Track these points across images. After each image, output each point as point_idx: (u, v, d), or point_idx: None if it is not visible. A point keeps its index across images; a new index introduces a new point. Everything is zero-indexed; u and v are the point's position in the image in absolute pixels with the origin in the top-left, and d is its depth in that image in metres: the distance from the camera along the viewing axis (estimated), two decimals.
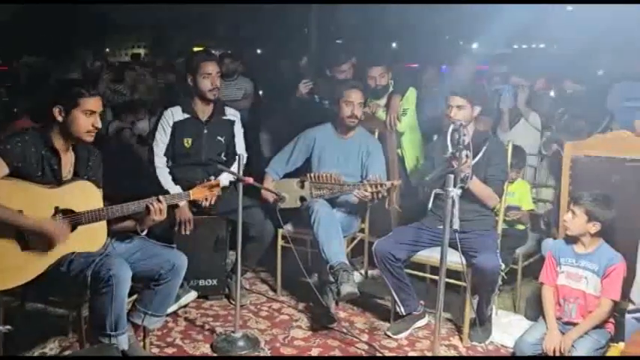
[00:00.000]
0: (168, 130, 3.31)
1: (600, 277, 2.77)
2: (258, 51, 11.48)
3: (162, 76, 6.87)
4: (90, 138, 2.45)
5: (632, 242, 2.77)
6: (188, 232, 3.19)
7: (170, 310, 3.04)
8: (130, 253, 2.58)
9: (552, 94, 4.60)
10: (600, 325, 2.75)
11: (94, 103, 2.42)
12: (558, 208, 3.19)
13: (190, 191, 2.66)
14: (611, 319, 2.80)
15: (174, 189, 3.19)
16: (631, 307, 2.54)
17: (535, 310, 3.09)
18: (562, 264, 2.89)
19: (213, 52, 3.90)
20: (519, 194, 3.52)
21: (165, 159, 3.33)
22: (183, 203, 3.14)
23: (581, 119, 3.75)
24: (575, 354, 2.67)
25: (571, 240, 2.88)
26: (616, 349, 2.65)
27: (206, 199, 2.84)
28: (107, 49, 14.85)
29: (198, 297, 3.38)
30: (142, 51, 15.13)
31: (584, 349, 2.68)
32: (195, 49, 13.02)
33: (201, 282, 3.40)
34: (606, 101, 3.77)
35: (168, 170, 3.30)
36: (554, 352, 2.71)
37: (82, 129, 2.40)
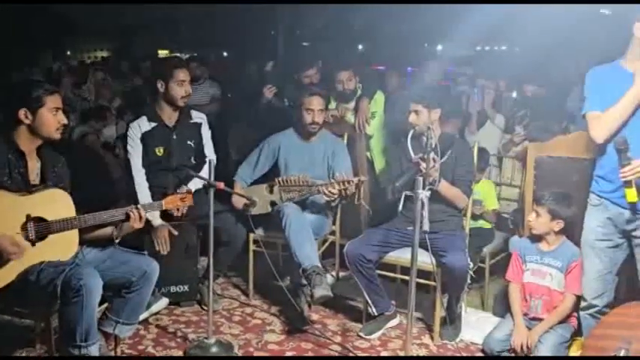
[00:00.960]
0: (138, 142, 3.27)
1: (564, 273, 2.87)
2: (225, 54, 11.41)
3: (127, 79, 6.77)
4: (59, 135, 2.44)
5: None
6: (165, 252, 3.17)
7: (141, 317, 2.99)
8: (101, 261, 2.54)
9: (515, 95, 4.72)
10: (564, 320, 2.86)
11: (57, 99, 2.43)
12: (523, 207, 3.28)
13: (163, 201, 2.64)
14: (575, 314, 2.90)
15: (147, 199, 3.16)
16: (583, 303, 2.64)
17: (503, 307, 3.17)
18: (527, 262, 2.98)
19: (179, 55, 3.87)
20: (484, 194, 3.61)
21: (144, 171, 3.28)
22: (159, 223, 3.13)
23: (541, 121, 3.87)
24: (541, 348, 2.76)
25: (536, 238, 2.97)
26: (579, 343, 2.76)
27: (177, 210, 2.81)
28: (68, 52, 14.50)
29: (170, 304, 3.35)
30: (104, 54, 14.81)
31: (549, 343, 2.77)
32: (160, 52, 12.85)
33: (173, 288, 3.37)
34: (566, 103, 3.89)
35: (147, 185, 3.25)
36: (521, 347, 2.80)
37: (51, 128, 2.40)
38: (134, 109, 4.44)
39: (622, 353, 1.86)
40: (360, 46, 11.74)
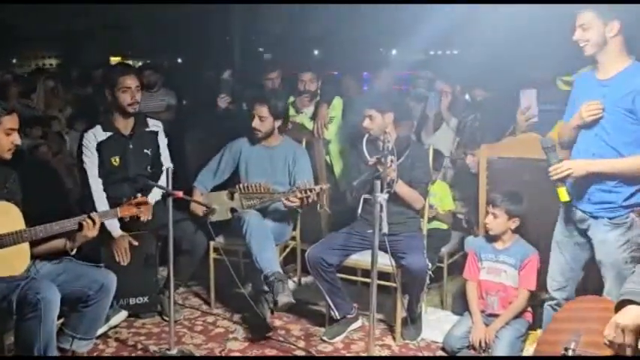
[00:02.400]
0: (94, 151, 3.21)
1: (517, 270, 2.98)
2: (179, 60, 11.25)
3: (78, 88, 6.58)
4: (10, 156, 2.40)
5: (542, 236, 3.00)
6: (125, 263, 3.11)
7: (100, 331, 2.93)
8: (56, 275, 2.48)
9: (467, 98, 4.85)
10: (520, 315, 2.96)
11: (14, 120, 2.37)
12: (477, 207, 3.38)
13: (118, 209, 2.59)
14: (529, 309, 3.01)
15: (103, 205, 3.09)
16: (546, 296, 2.75)
17: (461, 305, 3.26)
18: (483, 260, 3.08)
19: (131, 63, 3.82)
20: (440, 195, 3.69)
21: (100, 181, 3.22)
22: (119, 234, 3.08)
23: (490, 124, 3.99)
24: (498, 343, 2.85)
25: (491, 237, 3.07)
26: (534, 336, 2.86)
27: (138, 217, 2.77)
28: (14, 60, 13.97)
29: (129, 316, 3.29)
30: (53, 61, 14.33)
31: (506, 338, 2.86)
32: (113, 59, 12.55)
33: (132, 300, 3.31)
34: (516, 106, 4.00)
35: (105, 195, 3.19)
36: (479, 343, 2.89)
37: (3, 148, 2.36)
38: (86, 119, 4.34)
39: (572, 345, 1.94)
40: (316, 52, 11.81)
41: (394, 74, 4.98)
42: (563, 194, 2.46)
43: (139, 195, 2.68)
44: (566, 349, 1.95)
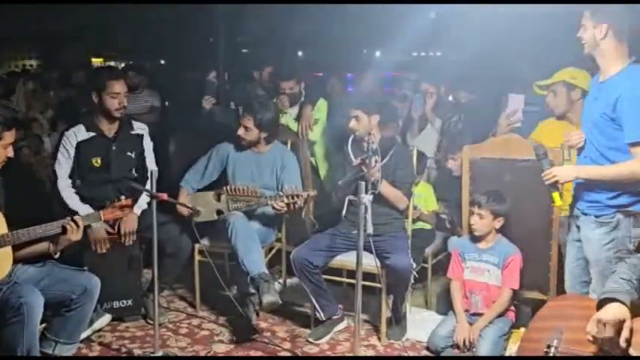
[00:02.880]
0: (72, 151, 3.18)
1: (500, 269, 3.01)
2: (162, 62, 11.17)
3: (59, 90, 6.51)
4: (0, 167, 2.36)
5: (524, 234, 3.05)
6: (104, 250, 3.08)
7: (83, 335, 2.90)
8: (38, 279, 2.45)
9: (451, 99, 4.89)
10: (503, 314, 3.00)
11: (12, 135, 2.40)
12: (460, 208, 3.41)
13: (101, 212, 2.57)
14: (512, 308, 3.05)
15: (83, 208, 3.06)
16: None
17: (445, 305, 3.29)
18: (467, 260, 3.11)
19: (113, 64, 3.80)
20: (424, 196, 3.72)
21: (69, 181, 3.19)
22: (96, 224, 3.02)
23: (473, 125, 4.03)
24: (482, 342, 2.88)
25: (474, 237, 3.11)
26: (517, 335, 2.90)
27: (121, 221, 2.74)
28: None
29: (113, 319, 3.26)
30: (33, 62, 14.14)
31: (489, 337, 2.90)
32: (94, 60, 12.41)
33: (116, 304, 3.28)
34: (498, 109, 4.04)
35: (74, 191, 3.17)
36: (464, 342, 2.91)
37: None
38: (68, 121, 4.30)
39: (554, 343, 1.97)
40: (300, 53, 11.81)
41: (379, 75, 5.00)
42: (557, 198, 2.49)
43: (123, 197, 2.65)
44: (548, 347, 1.99)
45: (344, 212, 3.08)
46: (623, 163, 2.33)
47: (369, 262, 2.82)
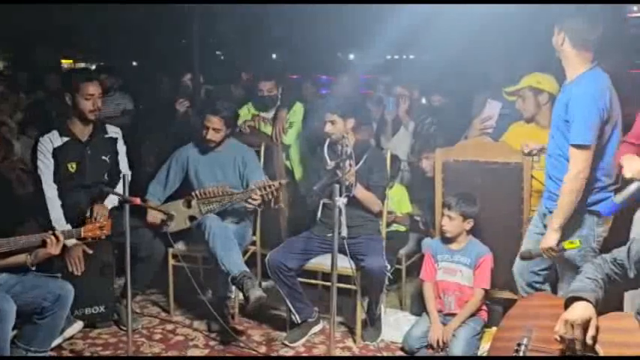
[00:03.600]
0: (50, 157, 3.13)
1: (472, 270, 3.07)
2: (134, 63, 11.02)
3: (28, 92, 6.37)
4: None
5: (495, 235, 3.11)
6: (79, 273, 3.04)
7: (54, 343, 2.85)
8: (9, 286, 2.41)
9: (424, 102, 4.95)
10: (475, 314, 3.05)
11: None
12: (433, 209, 3.46)
13: (82, 229, 2.55)
14: (484, 307, 3.11)
15: (62, 224, 3.02)
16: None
17: (419, 306, 3.33)
18: (439, 261, 3.16)
19: (84, 65, 3.75)
20: (398, 198, 3.76)
21: (55, 187, 3.13)
22: (72, 243, 2.97)
23: (446, 128, 4.09)
24: (455, 342, 2.92)
25: (446, 238, 3.15)
26: (489, 334, 2.95)
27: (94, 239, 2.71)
28: None
29: (85, 326, 3.20)
30: (1, 64, 13.79)
31: (462, 336, 2.94)
32: (64, 61, 12.18)
33: (88, 310, 3.23)
34: (473, 110, 4.11)
35: (60, 203, 3.11)
36: (437, 342, 2.95)
37: None
38: (38, 124, 4.22)
39: (524, 341, 2.02)
40: (274, 55, 11.81)
41: (352, 79, 5.02)
42: (572, 244, 2.43)
43: (96, 206, 2.62)
44: (519, 345, 2.03)
45: (319, 215, 3.09)
46: (562, 187, 2.43)
47: (344, 265, 2.84)
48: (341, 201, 2.46)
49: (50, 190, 3.11)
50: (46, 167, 3.12)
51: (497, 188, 3.13)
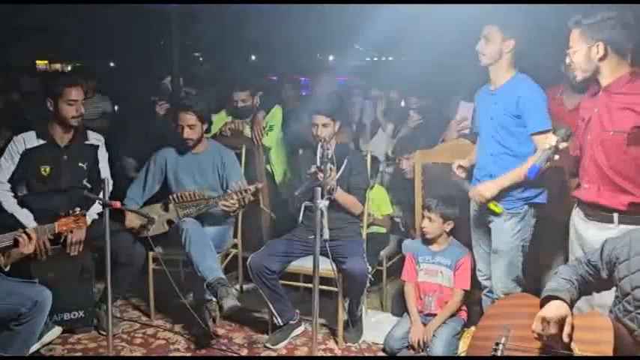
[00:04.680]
0: (17, 158, 3.08)
1: (453, 270, 3.11)
2: (111, 64, 10.88)
3: (2, 94, 6.25)
4: None
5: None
6: (44, 258, 2.96)
7: (32, 349, 2.81)
8: None
9: (403, 103, 5.00)
10: (455, 314, 3.09)
11: None
12: (413, 211, 3.50)
13: (55, 224, 2.51)
14: (464, 308, 3.15)
15: (23, 215, 2.97)
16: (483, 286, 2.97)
17: (400, 307, 3.36)
18: (420, 262, 3.20)
19: (59, 67, 3.70)
20: (378, 200, 3.79)
21: (8, 185, 3.09)
22: (32, 226, 2.89)
23: (424, 130, 4.14)
24: (436, 342, 2.96)
25: (427, 240, 3.19)
26: (469, 333, 3.00)
27: (72, 232, 2.67)
28: None
29: (64, 332, 3.16)
30: None
31: (443, 336, 2.99)
32: (39, 62, 11.94)
33: (66, 315, 3.19)
34: (450, 111, 4.16)
35: (12, 194, 3.07)
36: (418, 342, 2.99)
37: None
38: (11, 127, 4.14)
39: (502, 340, 2.06)
40: (253, 57, 11.77)
41: (335, 80, 5.05)
42: (496, 208, 2.69)
43: (78, 209, 2.60)
44: (497, 344, 2.07)
45: (301, 218, 3.10)
46: (525, 163, 2.57)
47: (326, 267, 2.86)
48: (323, 204, 2.47)
49: (1, 188, 3.06)
50: (6, 165, 3.07)
51: None
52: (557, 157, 2.28)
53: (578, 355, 1.83)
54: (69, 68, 8.93)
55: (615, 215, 2.22)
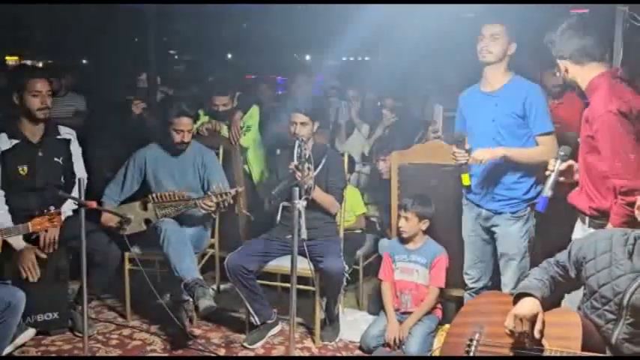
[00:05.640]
0: None
1: (428, 269, 3.16)
2: (84, 61, 10.70)
3: None
4: None
5: (449, 235, 3.21)
6: (35, 280, 2.94)
7: (5, 352, 2.77)
8: None
9: (379, 104, 5.04)
10: (431, 312, 3.15)
11: None
12: (389, 211, 3.55)
13: (29, 223, 2.47)
14: (439, 305, 3.21)
15: (8, 222, 2.92)
16: (466, 286, 3.04)
17: (376, 305, 3.40)
18: (397, 261, 3.24)
19: (30, 63, 3.65)
20: (351, 200, 3.81)
21: (2, 193, 3.03)
22: (22, 246, 2.90)
23: (400, 131, 4.19)
24: (411, 339, 3.01)
25: (403, 239, 3.24)
26: (443, 330, 3.05)
27: (46, 231, 2.64)
28: None
29: (38, 333, 3.12)
30: None
31: (418, 334, 3.04)
32: (9, 58, 11.67)
33: (40, 317, 3.14)
34: (426, 112, 4.22)
35: (7, 208, 3.00)
36: (394, 340, 3.03)
37: None
38: None
39: (476, 337, 2.11)
40: (230, 55, 11.71)
41: (312, 80, 5.06)
42: (466, 179, 2.78)
43: (52, 208, 2.56)
44: (470, 340, 2.12)
45: (278, 218, 3.12)
46: (535, 148, 2.68)
47: (303, 266, 2.88)
48: (300, 204, 2.50)
49: None
50: None
51: (451, 190, 3.24)
52: (562, 178, 2.29)
53: (548, 350, 1.88)
54: (40, 65, 8.75)
55: (587, 219, 2.29)
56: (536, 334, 1.93)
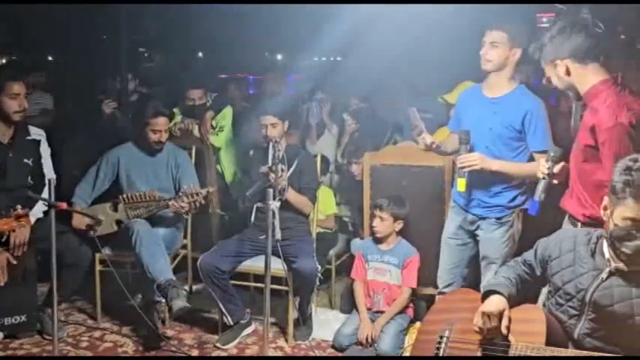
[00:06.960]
0: None
1: (400, 269, 3.22)
2: (49, 58, 10.46)
3: None
4: None
5: (421, 235, 3.28)
6: (2, 283, 2.88)
7: None
8: None
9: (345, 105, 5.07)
10: (403, 311, 3.20)
11: None
12: (361, 211, 3.59)
13: None
14: (411, 304, 3.27)
15: None
16: (437, 290, 3.03)
17: (349, 304, 3.45)
18: (369, 261, 3.29)
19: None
20: (324, 200, 3.84)
21: None
22: None
23: (369, 132, 4.24)
24: (383, 338, 3.06)
25: (376, 239, 3.29)
26: (415, 328, 3.12)
27: (14, 231, 2.59)
28: None
29: (5, 337, 3.07)
30: None
31: (390, 332, 3.09)
32: None
33: (8, 320, 3.08)
34: (394, 114, 4.28)
35: None
36: (366, 339, 3.08)
37: None
38: None
39: (446, 333, 2.17)
40: (200, 54, 11.61)
41: (284, 79, 5.06)
42: (462, 184, 2.65)
43: (19, 207, 2.51)
44: (441, 337, 2.18)
45: (252, 219, 3.12)
46: (528, 164, 2.64)
47: (277, 266, 2.88)
48: (274, 205, 2.52)
49: None
50: None
51: (422, 190, 3.31)
52: (555, 181, 2.25)
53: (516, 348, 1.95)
54: (3, 61, 8.52)
55: (579, 224, 2.26)
56: (503, 330, 1.99)
